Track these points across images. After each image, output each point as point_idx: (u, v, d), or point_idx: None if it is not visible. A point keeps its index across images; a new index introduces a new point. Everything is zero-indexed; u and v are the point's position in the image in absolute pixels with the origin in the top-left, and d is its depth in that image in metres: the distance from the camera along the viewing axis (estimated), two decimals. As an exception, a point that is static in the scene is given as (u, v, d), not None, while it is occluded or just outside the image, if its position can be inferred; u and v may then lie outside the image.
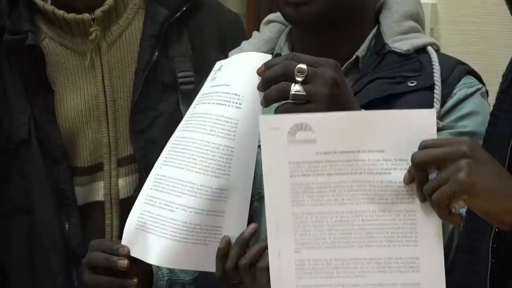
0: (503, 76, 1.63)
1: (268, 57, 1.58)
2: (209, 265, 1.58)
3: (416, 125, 1.38)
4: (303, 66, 1.45)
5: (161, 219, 1.59)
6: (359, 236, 1.42)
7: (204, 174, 1.57)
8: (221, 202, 1.57)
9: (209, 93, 1.64)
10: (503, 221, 1.34)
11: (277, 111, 1.49)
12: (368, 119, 1.42)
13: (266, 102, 1.50)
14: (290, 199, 1.44)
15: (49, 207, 1.94)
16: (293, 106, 1.45)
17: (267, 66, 1.50)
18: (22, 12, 1.97)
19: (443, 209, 1.31)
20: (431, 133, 1.35)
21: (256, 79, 1.56)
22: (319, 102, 1.46)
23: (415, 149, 1.35)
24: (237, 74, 1.62)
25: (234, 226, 1.58)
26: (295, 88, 1.44)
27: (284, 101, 1.48)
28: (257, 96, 1.56)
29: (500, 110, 1.49)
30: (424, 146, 1.34)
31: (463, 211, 1.35)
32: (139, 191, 1.67)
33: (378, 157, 1.39)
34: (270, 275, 1.48)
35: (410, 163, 1.35)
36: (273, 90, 1.47)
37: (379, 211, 1.41)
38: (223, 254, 1.55)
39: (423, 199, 1.35)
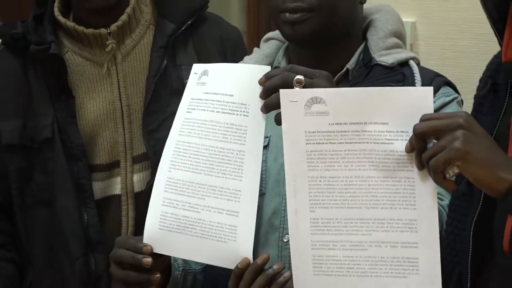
0: (480, 81, 1.71)
1: (268, 68, 1.61)
2: (228, 263, 1.61)
3: (415, 100, 1.42)
4: (301, 77, 1.49)
5: (189, 220, 1.63)
6: (365, 198, 1.47)
7: (222, 177, 1.61)
8: (235, 203, 1.60)
9: (205, 100, 1.66)
10: (494, 188, 1.37)
11: (277, 117, 1.52)
12: (374, 95, 1.46)
13: (267, 109, 1.54)
14: (306, 164, 1.49)
15: (70, 199, 1.97)
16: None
17: (267, 76, 1.55)
18: (46, 27, 2.00)
19: (438, 174, 1.35)
20: (428, 107, 1.39)
21: (259, 89, 1.59)
22: None
23: (415, 121, 1.39)
24: (239, 84, 1.64)
25: (246, 225, 1.62)
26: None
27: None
28: (260, 104, 1.60)
29: (480, 113, 1.56)
30: (425, 118, 1.38)
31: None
32: (152, 186, 1.71)
33: (382, 128, 1.43)
34: (289, 231, 1.54)
35: (411, 134, 1.39)
36: (274, 98, 1.51)
37: (382, 177, 1.45)
38: (239, 273, 1.59)
39: (421, 166, 1.40)
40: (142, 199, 1.95)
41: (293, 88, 1.51)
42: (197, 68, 1.69)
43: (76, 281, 2.01)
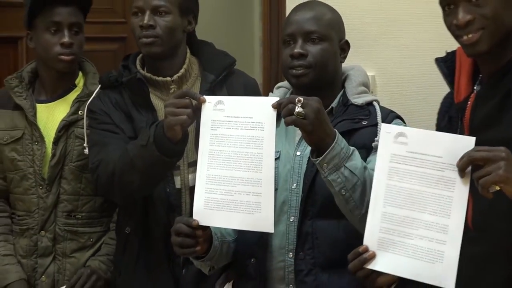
0: (439, 114, 1.83)
1: (276, 99, 1.70)
2: (255, 228, 1.73)
3: (462, 143, 1.49)
4: (301, 98, 1.62)
5: (225, 201, 1.72)
6: (419, 205, 1.54)
7: (247, 171, 1.70)
8: (258, 187, 1.69)
9: (228, 121, 1.73)
10: None
11: (287, 121, 1.62)
12: (437, 137, 1.56)
13: (282, 115, 1.64)
14: (387, 175, 1.57)
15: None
16: (296, 119, 1.61)
17: (278, 102, 1.68)
18: (131, 67, 2.15)
19: (485, 189, 1.41)
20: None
21: (271, 112, 1.69)
22: (309, 120, 1.61)
23: (457, 158, 1.47)
24: (256, 109, 1.72)
25: (267, 201, 1.70)
26: (298, 109, 1.61)
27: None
28: (271, 119, 1.69)
29: None
30: (476, 150, 1.45)
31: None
32: None
33: (437, 160, 1.52)
34: (366, 224, 1.61)
35: (455, 166, 1.47)
36: (285, 110, 1.63)
37: (432, 193, 1.52)
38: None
39: (462, 174, 1.47)
40: (193, 191, 1.95)
41: (295, 105, 1.61)
42: (211, 98, 1.77)
43: (160, 231, 2.09)
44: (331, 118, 1.78)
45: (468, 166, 1.45)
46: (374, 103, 1.90)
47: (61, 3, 2.17)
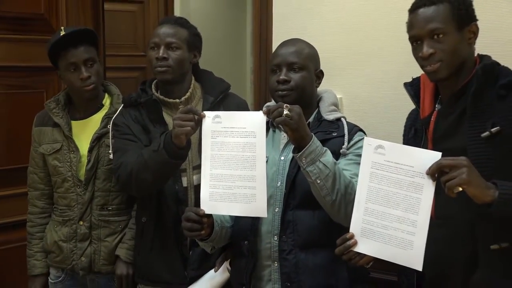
0: (405, 127, 1.83)
1: (262, 113, 1.68)
2: (251, 214, 1.73)
3: (429, 156, 1.49)
4: (287, 104, 1.65)
5: (226, 194, 1.72)
6: (394, 204, 1.54)
7: (243, 170, 1.70)
8: (253, 182, 1.70)
9: (225, 131, 1.71)
10: (484, 200, 1.44)
11: (277, 121, 1.63)
12: (409, 150, 1.54)
13: (271, 117, 1.64)
14: (368, 179, 1.58)
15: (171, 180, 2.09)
16: (285, 119, 1.61)
17: (268, 108, 1.68)
18: (147, 90, 2.17)
19: (450, 190, 1.42)
20: (435, 160, 1.46)
21: (262, 122, 1.67)
22: (294, 120, 1.62)
23: (426, 167, 1.46)
24: (247, 121, 1.70)
25: (261, 193, 1.69)
26: (286, 112, 1.62)
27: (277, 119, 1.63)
28: (261, 129, 1.68)
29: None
30: (444, 159, 1.46)
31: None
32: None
33: (409, 169, 1.51)
34: (352, 217, 1.59)
35: (425, 175, 1.47)
36: (276, 113, 1.63)
37: (404, 194, 1.52)
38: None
39: (434, 178, 1.45)
40: (197, 189, 1.98)
41: (283, 109, 1.62)
42: (209, 113, 1.75)
43: (171, 220, 2.10)
44: None
45: (437, 172, 1.47)
46: (342, 119, 1.92)
47: (72, 45, 2.19)
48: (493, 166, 1.51)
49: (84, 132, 2.31)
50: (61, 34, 2.18)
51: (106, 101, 2.38)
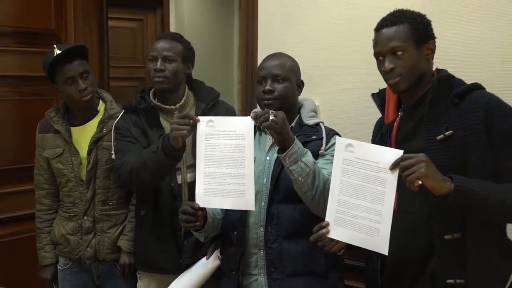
0: (373, 133, 1.83)
1: (249, 118, 1.70)
2: (241, 207, 1.72)
3: (392, 154, 1.50)
4: (273, 110, 1.67)
5: (219, 189, 1.72)
6: (362, 195, 1.55)
7: (234, 168, 1.70)
8: (243, 179, 1.70)
9: (217, 134, 1.70)
10: (440, 192, 1.46)
11: (264, 125, 1.64)
12: (374, 149, 1.55)
13: (259, 122, 1.64)
14: (340, 174, 1.60)
15: (167, 178, 2.09)
16: (271, 124, 1.63)
17: (255, 114, 1.70)
18: (146, 98, 2.16)
19: (411, 183, 1.44)
20: (397, 157, 1.48)
21: (250, 126, 1.67)
22: (279, 124, 1.64)
23: (390, 163, 1.48)
24: (237, 125, 1.70)
25: (249, 190, 1.70)
26: (272, 117, 1.64)
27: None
28: (250, 133, 1.68)
29: None
30: (404, 156, 1.48)
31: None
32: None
33: (375, 165, 1.53)
34: (327, 207, 1.60)
35: (388, 170, 1.48)
36: (263, 118, 1.65)
37: (371, 187, 1.53)
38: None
39: (396, 173, 1.46)
40: (191, 186, 2.05)
41: (269, 117, 1.63)
42: (203, 118, 1.75)
43: (167, 213, 2.10)
44: None
45: (399, 167, 1.48)
46: (320, 123, 1.95)
47: (68, 61, 2.19)
48: (447, 165, 1.54)
49: (83, 136, 2.32)
50: (56, 53, 2.17)
51: (101, 107, 2.38)
